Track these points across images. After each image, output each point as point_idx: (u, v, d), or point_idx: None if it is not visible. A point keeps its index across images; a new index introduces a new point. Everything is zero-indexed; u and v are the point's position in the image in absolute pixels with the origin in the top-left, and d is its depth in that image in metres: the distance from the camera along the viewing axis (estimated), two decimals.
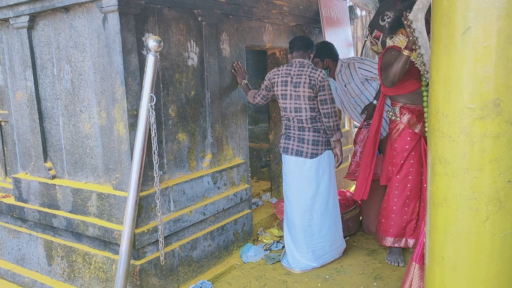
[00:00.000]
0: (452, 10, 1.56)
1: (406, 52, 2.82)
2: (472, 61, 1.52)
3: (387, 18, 4.50)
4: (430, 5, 2.28)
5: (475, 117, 1.55)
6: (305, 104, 3.17)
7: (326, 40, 4.30)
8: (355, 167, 3.83)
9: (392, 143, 3.27)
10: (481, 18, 1.49)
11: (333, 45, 3.98)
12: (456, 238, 1.66)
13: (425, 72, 2.74)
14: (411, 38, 2.72)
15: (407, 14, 2.48)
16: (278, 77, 3.25)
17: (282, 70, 3.27)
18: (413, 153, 3.16)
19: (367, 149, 3.41)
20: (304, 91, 3.15)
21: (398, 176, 3.21)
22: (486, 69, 1.50)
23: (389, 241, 3.29)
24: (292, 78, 3.19)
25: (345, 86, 3.87)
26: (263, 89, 3.35)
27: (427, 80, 2.55)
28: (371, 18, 4.75)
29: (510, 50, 1.48)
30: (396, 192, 3.22)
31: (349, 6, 5.04)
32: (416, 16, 2.32)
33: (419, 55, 2.51)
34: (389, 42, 3.27)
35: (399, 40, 3.06)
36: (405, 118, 3.15)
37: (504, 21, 1.47)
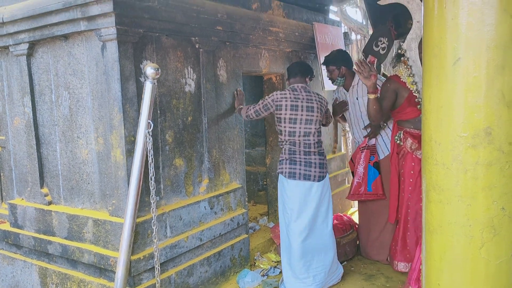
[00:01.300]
0: (443, 41, 1.60)
1: (370, 96, 3.06)
2: (463, 91, 1.56)
3: (381, 44, 4.59)
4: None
5: (467, 145, 1.57)
6: (315, 128, 3.23)
7: (322, 65, 4.37)
8: (358, 187, 3.80)
9: (399, 170, 3.28)
10: (470, 50, 1.54)
11: (349, 54, 3.98)
12: (452, 265, 1.67)
13: (420, 99, 2.78)
14: (369, 82, 2.98)
15: (401, 43, 2.55)
16: (286, 101, 3.21)
17: (289, 94, 3.23)
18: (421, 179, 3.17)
19: (393, 175, 3.41)
20: (317, 116, 3.24)
21: (409, 203, 3.19)
22: (476, 98, 1.54)
23: (406, 266, 3.28)
24: (302, 102, 3.21)
25: (356, 99, 3.84)
26: (260, 105, 3.30)
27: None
28: (366, 42, 4.84)
29: (500, 80, 1.52)
30: (408, 218, 3.20)
31: (343, 32, 5.14)
32: (409, 46, 2.39)
33: (414, 83, 2.57)
34: (392, 72, 3.36)
35: (399, 70, 3.10)
36: (408, 142, 3.18)
37: (493, 52, 1.52)
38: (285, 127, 3.24)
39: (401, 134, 3.27)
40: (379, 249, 3.78)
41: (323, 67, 3.98)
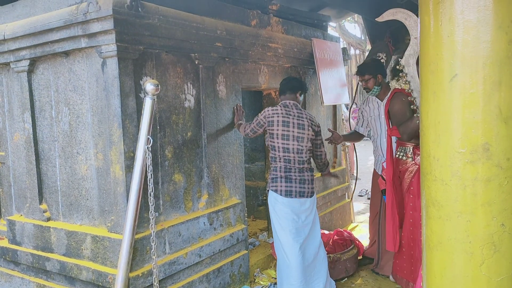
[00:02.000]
0: (439, 58, 1.61)
1: None
2: (460, 107, 1.56)
3: (379, 59, 4.62)
4: None
5: (465, 161, 1.57)
6: (305, 146, 3.24)
7: (321, 80, 4.39)
8: None
9: (406, 187, 3.14)
10: (467, 66, 1.55)
11: (382, 62, 3.89)
12: (452, 282, 1.65)
13: (419, 115, 2.75)
14: None
15: (400, 59, 2.54)
16: (277, 116, 3.22)
17: (280, 110, 3.25)
18: None
19: (388, 196, 3.21)
20: (308, 134, 3.24)
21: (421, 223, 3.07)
22: (474, 114, 1.54)
23: None
24: (293, 119, 3.22)
25: None
26: (254, 123, 3.31)
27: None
28: (365, 57, 4.89)
29: (497, 96, 1.52)
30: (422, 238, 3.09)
31: (342, 48, 5.18)
32: (408, 62, 2.40)
33: (413, 99, 2.56)
34: (394, 85, 3.29)
35: (405, 84, 3.04)
36: (419, 158, 3.05)
37: (489, 68, 1.52)
38: (278, 143, 3.23)
39: (408, 150, 3.14)
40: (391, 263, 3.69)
41: (356, 77, 3.83)
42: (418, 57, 2.55)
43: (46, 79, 3.08)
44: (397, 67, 2.57)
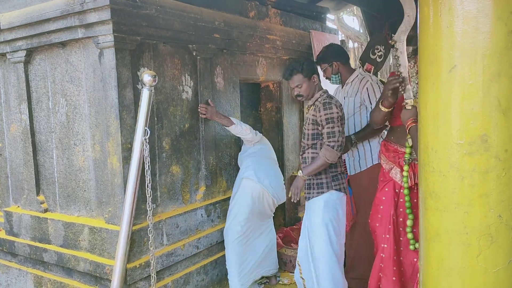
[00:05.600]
0: (438, 49, 1.61)
1: (383, 109, 2.70)
2: (459, 98, 1.56)
3: (378, 52, 4.61)
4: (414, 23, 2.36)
5: (463, 153, 1.57)
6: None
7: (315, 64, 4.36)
8: None
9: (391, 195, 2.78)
10: (466, 57, 1.55)
11: (341, 47, 3.61)
12: (449, 273, 1.66)
13: (403, 92, 2.61)
14: (389, 96, 2.60)
15: (393, 35, 2.53)
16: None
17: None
18: (384, 198, 2.72)
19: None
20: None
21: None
22: (473, 106, 1.54)
23: None
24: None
25: (344, 98, 3.38)
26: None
27: (407, 99, 2.52)
28: (363, 50, 4.87)
29: (495, 87, 1.52)
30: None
31: (340, 40, 5.17)
32: (399, 37, 2.43)
33: (400, 73, 2.53)
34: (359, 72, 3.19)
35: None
36: (382, 157, 2.80)
37: (489, 60, 1.52)
38: None
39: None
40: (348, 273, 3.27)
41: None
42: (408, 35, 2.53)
43: (43, 70, 3.06)
44: (390, 42, 2.56)
